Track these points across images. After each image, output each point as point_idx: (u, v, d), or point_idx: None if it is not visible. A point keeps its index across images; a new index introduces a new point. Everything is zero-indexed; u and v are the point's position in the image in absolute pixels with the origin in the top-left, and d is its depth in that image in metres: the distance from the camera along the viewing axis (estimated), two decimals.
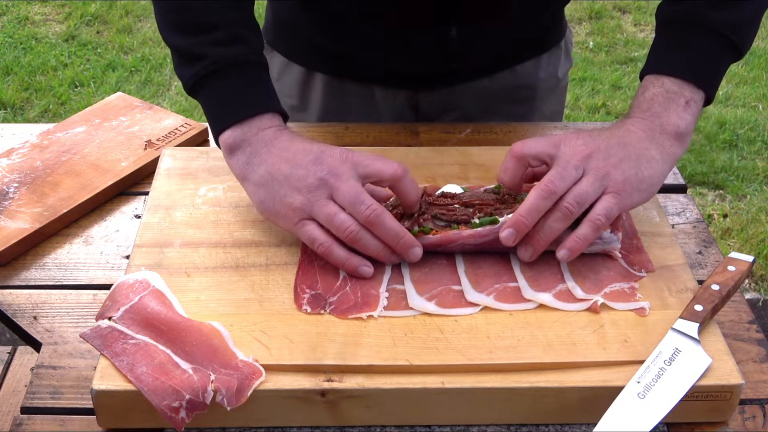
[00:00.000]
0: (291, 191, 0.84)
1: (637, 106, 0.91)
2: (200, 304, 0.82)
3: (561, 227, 0.84)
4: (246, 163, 0.87)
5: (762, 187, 2.74)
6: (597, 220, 0.83)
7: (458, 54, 1.14)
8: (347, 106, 1.22)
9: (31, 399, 0.78)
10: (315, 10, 1.14)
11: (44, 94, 3.11)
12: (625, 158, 0.85)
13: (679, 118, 0.89)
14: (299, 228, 0.84)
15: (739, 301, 0.89)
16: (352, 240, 0.83)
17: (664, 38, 0.95)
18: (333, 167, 0.84)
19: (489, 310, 0.82)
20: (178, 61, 0.94)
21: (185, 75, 0.92)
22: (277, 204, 0.85)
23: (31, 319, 0.86)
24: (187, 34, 0.92)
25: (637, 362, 0.75)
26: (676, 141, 0.89)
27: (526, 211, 0.83)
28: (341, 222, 0.82)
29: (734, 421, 0.77)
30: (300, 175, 0.84)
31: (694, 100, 0.90)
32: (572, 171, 0.84)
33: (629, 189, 0.85)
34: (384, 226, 0.83)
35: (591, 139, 0.87)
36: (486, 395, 0.74)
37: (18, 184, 1.02)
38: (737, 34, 0.92)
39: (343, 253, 0.84)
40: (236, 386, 0.72)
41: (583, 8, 3.79)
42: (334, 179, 0.83)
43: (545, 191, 0.83)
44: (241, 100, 0.90)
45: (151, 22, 3.61)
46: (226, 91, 0.91)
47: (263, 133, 0.88)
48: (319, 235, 0.84)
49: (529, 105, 1.25)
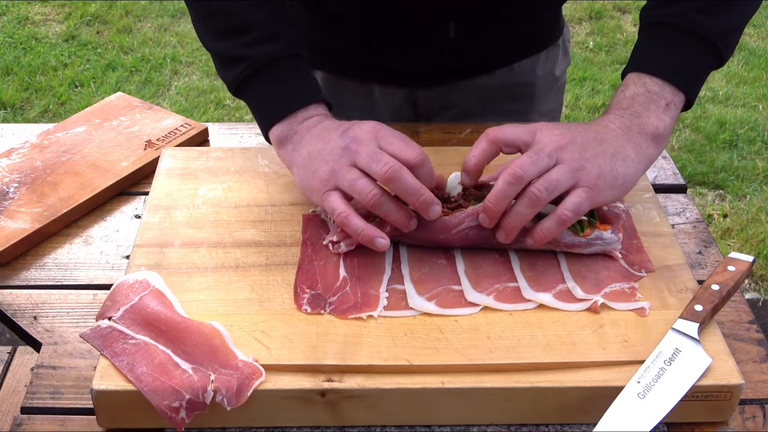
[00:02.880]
0: (321, 164, 0.86)
1: (617, 104, 0.91)
2: (200, 304, 0.82)
3: (530, 213, 0.83)
4: (293, 150, 0.91)
5: (762, 187, 2.74)
6: (563, 215, 0.82)
7: (457, 52, 1.14)
8: (346, 103, 1.22)
9: (31, 399, 0.78)
10: (314, 8, 1.15)
11: (44, 94, 3.11)
12: (601, 153, 0.85)
13: (659, 120, 0.88)
14: (325, 199, 0.85)
15: (739, 301, 0.89)
16: (375, 204, 0.83)
17: (649, 39, 0.95)
18: (357, 136, 0.85)
19: (489, 310, 0.82)
20: (219, 65, 0.97)
21: (228, 78, 0.95)
22: (310, 179, 0.87)
23: (31, 319, 0.87)
24: (224, 38, 0.95)
25: (637, 362, 0.75)
26: (653, 142, 0.88)
27: (494, 196, 0.82)
28: (363, 186, 0.83)
29: (734, 421, 0.77)
30: (330, 148, 0.86)
31: (674, 103, 0.90)
32: (545, 158, 0.83)
33: (602, 185, 0.84)
34: (402, 181, 0.83)
35: (568, 130, 0.86)
36: (486, 395, 0.74)
37: (18, 184, 1.02)
38: (722, 41, 0.92)
39: (361, 223, 0.84)
40: (236, 386, 0.72)
41: (583, 8, 3.79)
42: (356, 145, 0.84)
43: (512, 176, 0.82)
44: (283, 96, 0.93)
45: (151, 22, 3.61)
46: (268, 89, 0.94)
47: (308, 122, 0.91)
48: (339, 205, 0.84)
49: (528, 102, 1.25)
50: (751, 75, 3.33)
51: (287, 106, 0.92)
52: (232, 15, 0.94)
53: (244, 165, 1.02)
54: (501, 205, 0.83)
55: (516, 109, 1.24)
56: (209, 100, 3.11)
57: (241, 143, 1.14)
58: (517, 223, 0.83)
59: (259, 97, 0.95)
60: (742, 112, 3.10)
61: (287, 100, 0.93)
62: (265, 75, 0.93)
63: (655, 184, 1.06)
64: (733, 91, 3.23)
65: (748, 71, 3.36)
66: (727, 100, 3.18)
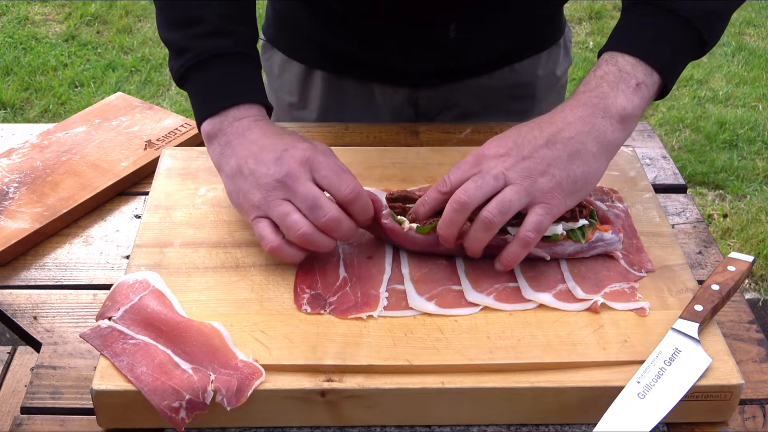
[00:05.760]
0: (252, 188, 0.85)
1: (585, 84, 0.87)
2: (200, 304, 0.82)
3: (486, 236, 0.81)
4: (220, 153, 0.89)
5: (762, 187, 2.74)
6: (526, 237, 0.80)
7: (458, 52, 1.14)
8: (347, 103, 1.22)
9: (31, 399, 0.78)
10: (314, 8, 1.15)
11: (44, 94, 3.11)
12: (554, 161, 0.81)
13: (627, 100, 0.84)
14: (255, 224, 0.85)
15: (739, 301, 0.89)
16: (304, 242, 0.82)
17: (627, 19, 0.92)
18: (291, 169, 0.83)
19: (489, 310, 0.82)
20: (170, 55, 0.97)
21: (174, 68, 0.95)
22: (240, 198, 0.86)
23: (31, 319, 0.86)
24: (176, 28, 0.95)
25: (637, 362, 0.75)
26: (620, 125, 0.84)
27: (443, 223, 0.81)
28: (293, 222, 0.82)
29: (734, 421, 0.77)
30: (261, 172, 0.84)
31: (645, 84, 0.86)
32: (490, 181, 0.80)
33: (560, 196, 0.81)
34: (341, 231, 0.83)
35: (515, 144, 0.83)
36: (486, 395, 0.74)
37: (18, 184, 1.02)
38: (703, 23, 0.88)
39: (291, 250, 0.83)
40: (236, 386, 0.72)
41: (583, 8, 3.79)
42: (292, 181, 0.83)
43: (457, 203, 0.80)
44: (219, 91, 0.92)
45: (151, 22, 3.61)
46: (207, 82, 0.93)
47: (238, 124, 0.89)
48: (267, 234, 0.83)
49: (529, 103, 1.25)
50: (751, 75, 3.33)
51: (221, 102, 0.91)
52: (185, 7, 0.94)
53: None
54: (451, 232, 0.81)
55: (517, 109, 1.23)
56: None
57: None
58: (476, 246, 0.82)
59: (196, 90, 0.94)
60: (742, 112, 3.10)
61: (222, 97, 0.91)
62: (207, 69, 0.93)
63: (655, 184, 1.06)
64: (733, 91, 3.23)
65: (748, 71, 3.36)
66: (727, 100, 3.18)
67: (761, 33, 3.65)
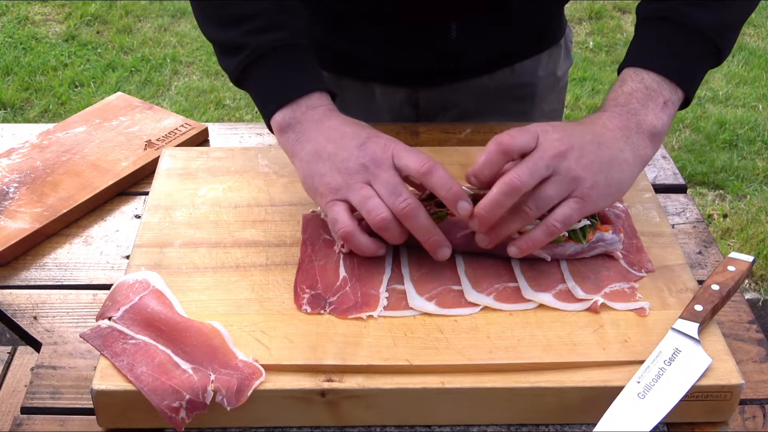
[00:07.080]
0: (332, 171, 0.85)
1: (614, 100, 0.89)
2: (200, 304, 0.82)
3: (518, 227, 0.82)
4: (296, 140, 0.89)
5: (762, 187, 2.74)
6: (552, 225, 0.81)
7: (458, 52, 1.14)
8: (347, 103, 1.21)
9: (31, 399, 0.78)
10: (315, 8, 1.15)
11: (44, 94, 3.11)
12: (597, 160, 0.82)
13: (656, 118, 0.87)
14: (330, 206, 0.85)
15: (739, 301, 0.89)
16: (381, 227, 0.83)
17: (646, 34, 0.93)
18: (375, 155, 0.84)
19: (489, 310, 0.82)
20: (221, 54, 0.97)
21: (230, 67, 0.95)
22: (316, 181, 0.86)
23: (31, 319, 0.86)
24: (227, 26, 0.95)
25: (637, 362, 0.75)
26: (650, 142, 0.87)
27: (488, 204, 0.80)
28: (375, 206, 0.82)
29: (734, 421, 0.77)
30: (343, 157, 0.85)
31: (671, 101, 0.88)
32: (542, 168, 0.80)
33: (595, 195, 0.82)
34: (417, 221, 0.82)
35: (567, 134, 0.83)
36: (486, 395, 0.74)
37: (18, 184, 1.02)
38: (720, 36, 0.91)
39: (365, 239, 0.84)
40: (236, 386, 0.72)
41: (583, 8, 3.79)
42: (375, 166, 0.84)
43: (509, 186, 0.79)
44: (287, 82, 0.92)
45: (151, 22, 3.61)
46: (272, 76, 0.93)
47: (312, 112, 0.90)
48: (343, 218, 0.84)
49: (529, 103, 1.25)
50: (751, 75, 3.33)
51: (290, 92, 0.91)
52: (234, 4, 0.94)
53: (244, 165, 1.02)
54: (494, 215, 0.81)
55: (517, 110, 1.23)
56: (209, 100, 3.11)
57: (241, 143, 1.14)
58: (504, 233, 0.83)
59: (260, 85, 0.94)
60: (742, 112, 3.10)
61: (290, 87, 0.92)
62: (267, 63, 0.93)
63: (655, 184, 1.06)
64: (733, 91, 3.23)
65: (748, 71, 3.36)
66: (727, 100, 3.18)
67: (761, 33, 3.65)
